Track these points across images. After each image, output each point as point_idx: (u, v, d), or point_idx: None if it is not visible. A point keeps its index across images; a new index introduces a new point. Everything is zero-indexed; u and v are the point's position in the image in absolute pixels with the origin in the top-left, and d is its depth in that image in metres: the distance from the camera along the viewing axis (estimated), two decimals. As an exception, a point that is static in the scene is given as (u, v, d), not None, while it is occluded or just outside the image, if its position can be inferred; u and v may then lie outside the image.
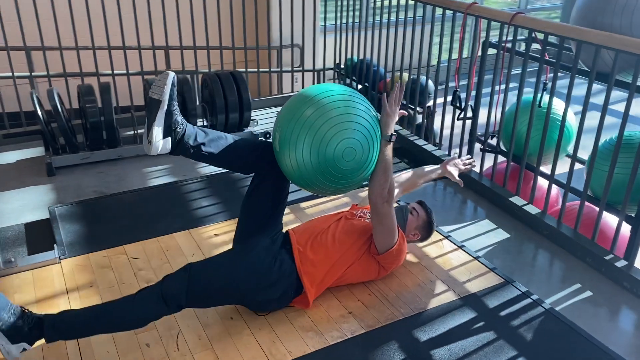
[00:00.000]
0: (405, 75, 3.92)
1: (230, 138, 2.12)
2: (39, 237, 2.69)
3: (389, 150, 2.10)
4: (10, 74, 3.64)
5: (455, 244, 2.61)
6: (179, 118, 2.00)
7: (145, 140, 1.95)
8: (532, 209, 2.88)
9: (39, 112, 3.18)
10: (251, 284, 2.02)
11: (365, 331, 2.07)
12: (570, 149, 3.15)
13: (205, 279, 1.96)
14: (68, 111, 3.73)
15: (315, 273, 2.13)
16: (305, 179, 2.03)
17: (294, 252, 2.12)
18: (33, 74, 3.86)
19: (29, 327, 1.83)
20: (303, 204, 2.90)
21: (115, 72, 3.93)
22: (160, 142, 1.95)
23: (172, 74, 1.95)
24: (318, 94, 2.02)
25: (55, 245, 2.53)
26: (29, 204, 3.00)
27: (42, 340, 1.87)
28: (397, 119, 2.13)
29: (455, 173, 2.55)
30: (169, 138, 1.97)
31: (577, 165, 2.81)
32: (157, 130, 1.94)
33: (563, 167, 2.90)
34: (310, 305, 2.15)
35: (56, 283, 2.30)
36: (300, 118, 1.97)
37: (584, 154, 2.84)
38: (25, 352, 1.83)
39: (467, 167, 2.63)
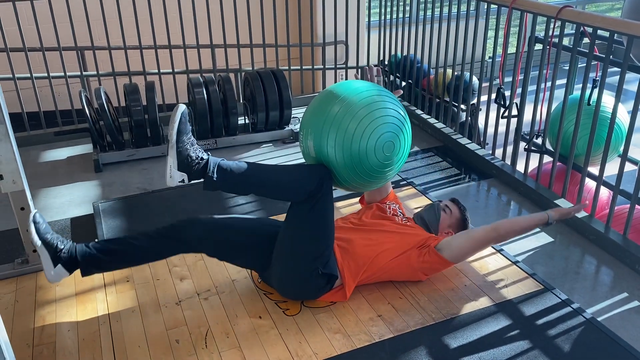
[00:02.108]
0: (449, 71, 3.82)
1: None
2: (83, 231, 2.79)
3: (539, 225, 2.23)
4: (62, 74, 3.79)
5: (493, 247, 2.52)
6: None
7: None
8: (579, 213, 2.74)
9: (87, 111, 3.30)
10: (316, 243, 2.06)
11: (394, 335, 2.03)
12: (621, 148, 2.98)
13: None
14: (116, 109, 3.85)
15: (355, 267, 2.14)
16: (335, 176, 2.05)
17: (335, 248, 2.13)
18: (84, 73, 4.00)
19: (197, 162, 1.89)
20: (338, 204, 2.88)
21: (161, 70, 4.03)
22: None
23: (182, 108, 1.89)
24: (346, 91, 2.03)
25: (96, 240, 2.61)
26: (76, 199, 3.12)
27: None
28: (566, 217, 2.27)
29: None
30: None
31: (629, 166, 2.66)
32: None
33: (613, 168, 2.75)
34: (348, 297, 2.16)
35: (95, 277, 2.36)
36: (328, 115, 1.98)
37: (637, 153, 2.68)
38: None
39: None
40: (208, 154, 1.96)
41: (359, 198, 2.65)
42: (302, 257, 2.06)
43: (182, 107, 1.90)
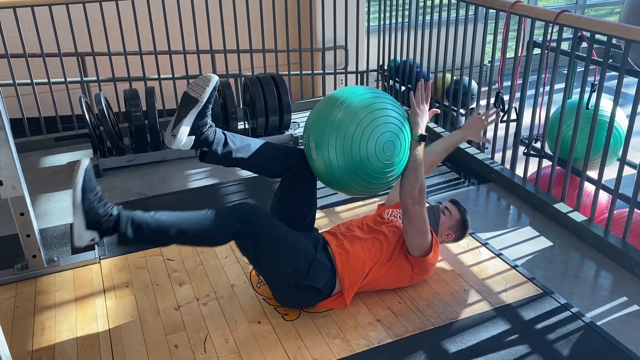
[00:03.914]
0: (448, 76, 3.83)
1: (257, 143, 2.13)
2: (82, 237, 2.79)
3: (420, 150, 2.08)
4: (62, 79, 3.80)
5: (492, 251, 2.53)
6: (209, 120, 2.02)
7: (169, 132, 1.96)
8: (578, 216, 2.74)
9: (87, 117, 3.31)
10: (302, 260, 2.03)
11: (393, 340, 2.03)
12: (620, 152, 2.98)
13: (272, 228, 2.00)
14: (116, 115, 3.86)
15: (354, 274, 2.14)
16: (337, 181, 2.07)
17: (335, 255, 2.13)
18: (84, 79, 4.01)
19: (106, 219, 1.82)
20: (338, 208, 2.88)
21: (161, 76, 4.04)
22: (184, 138, 1.96)
23: (216, 78, 1.97)
24: (347, 96, 2.05)
25: (96, 246, 2.62)
26: (76, 205, 3.12)
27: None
28: (427, 118, 2.10)
29: (480, 131, 2.46)
30: (194, 136, 1.98)
31: (628, 170, 2.66)
32: (185, 127, 1.95)
33: (612, 171, 2.75)
34: (348, 305, 2.15)
35: (94, 282, 2.38)
36: (333, 121, 2.00)
37: (635, 157, 2.68)
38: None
39: (491, 118, 2.48)
40: (119, 209, 1.87)
41: (359, 202, 2.65)
42: (278, 275, 2.06)
43: (85, 163, 1.81)
